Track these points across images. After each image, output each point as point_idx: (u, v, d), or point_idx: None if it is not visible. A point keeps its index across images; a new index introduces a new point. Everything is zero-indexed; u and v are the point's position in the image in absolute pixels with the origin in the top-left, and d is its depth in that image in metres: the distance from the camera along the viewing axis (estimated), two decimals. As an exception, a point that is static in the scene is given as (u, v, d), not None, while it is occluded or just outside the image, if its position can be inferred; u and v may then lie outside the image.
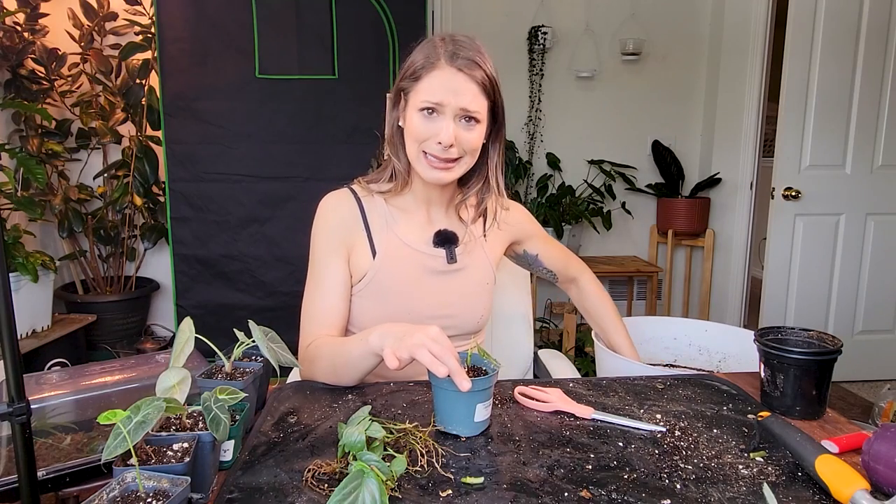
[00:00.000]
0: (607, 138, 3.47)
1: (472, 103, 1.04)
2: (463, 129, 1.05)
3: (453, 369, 0.81)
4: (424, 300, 1.15)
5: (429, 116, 1.04)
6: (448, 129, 1.03)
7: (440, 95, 1.03)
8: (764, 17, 3.10)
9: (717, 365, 1.39)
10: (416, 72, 1.06)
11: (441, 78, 1.03)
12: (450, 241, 1.17)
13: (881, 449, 0.72)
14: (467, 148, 1.07)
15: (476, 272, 1.21)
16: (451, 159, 1.07)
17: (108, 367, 1.29)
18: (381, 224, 1.15)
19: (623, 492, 0.72)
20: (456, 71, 1.03)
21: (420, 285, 1.15)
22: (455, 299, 1.18)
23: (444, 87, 1.03)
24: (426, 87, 1.04)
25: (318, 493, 0.71)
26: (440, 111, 1.04)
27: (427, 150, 1.06)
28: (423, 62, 1.05)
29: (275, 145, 2.87)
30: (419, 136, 1.05)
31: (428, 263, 1.16)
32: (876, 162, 2.87)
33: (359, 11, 2.83)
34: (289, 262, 2.90)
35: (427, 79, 1.04)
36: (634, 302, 3.61)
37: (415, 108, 1.05)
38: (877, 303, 2.98)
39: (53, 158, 2.97)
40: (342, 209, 1.16)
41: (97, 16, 3.03)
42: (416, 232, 1.17)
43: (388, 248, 1.14)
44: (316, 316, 1.12)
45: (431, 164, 1.07)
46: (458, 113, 1.04)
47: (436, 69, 1.04)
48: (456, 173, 1.09)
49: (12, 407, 0.72)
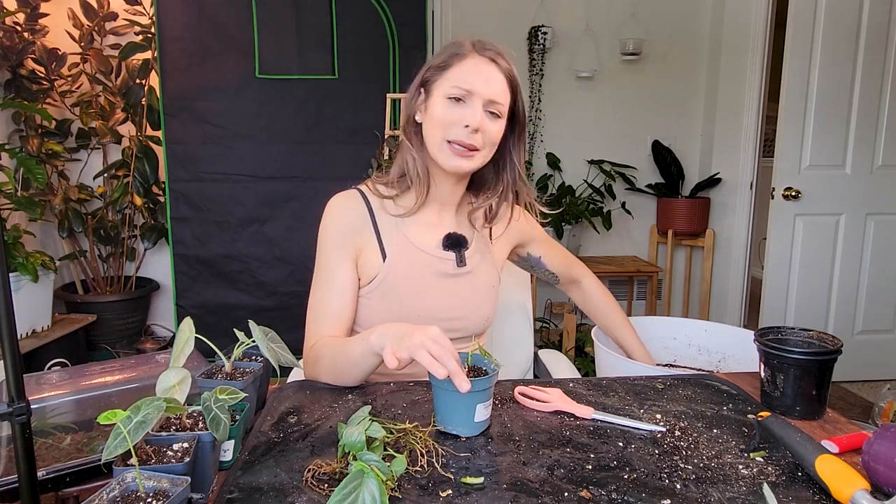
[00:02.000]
0: (607, 138, 3.47)
1: (499, 94, 1.06)
2: (488, 119, 1.06)
3: (452, 370, 0.81)
4: (434, 302, 1.15)
5: (456, 103, 1.05)
6: (477, 112, 1.04)
7: (471, 82, 1.04)
8: (764, 17, 3.10)
9: (717, 365, 1.39)
10: (445, 61, 1.07)
11: (471, 66, 1.05)
12: (459, 244, 1.17)
13: (881, 449, 0.72)
14: (488, 139, 1.08)
15: (484, 275, 1.21)
16: (475, 147, 1.07)
17: (108, 367, 1.29)
18: (391, 226, 1.15)
19: (623, 492, 0.72)
20: (487, 60, 1.06)
21: (429, 288, 1.15)
22: (464, 302, 1.18)
23: (475, 74, 1.05)
24: (456, 75, 1.06)
25: (318, 493, 0.71)
26: (468, 98, 1.05)
27: (451, 138, 1.06)
28: (451, 53, 1.07)
29: (275, 145, 2.87)
30: (445, 121, 1.06)
31: (437, 266, 1.16)
32: (876, 162, 2.87)
33: (359, 11, 2.83)
34: (289, 262, 2.90)
35: (457, 67, 1.06)
36: (634, 302, 3.61)
37: (441, 96, 1.06)
38: (877, 303, 2.98)
39: (53, 158, 2.97)
40: (351, 210, 1.15)
41: (97, 16, 3.03)
42: (425, 234, 1.16)
43: (397, 251, 1.14)
44: (322, 316, 1.12)
45: (455, 152, 1.07)
46: (486, 102, 1.05)
47: (466, 58, 1.06)
48: (476, 163, 1.09)
49: (12, 407, 0.72)
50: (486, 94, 1.04)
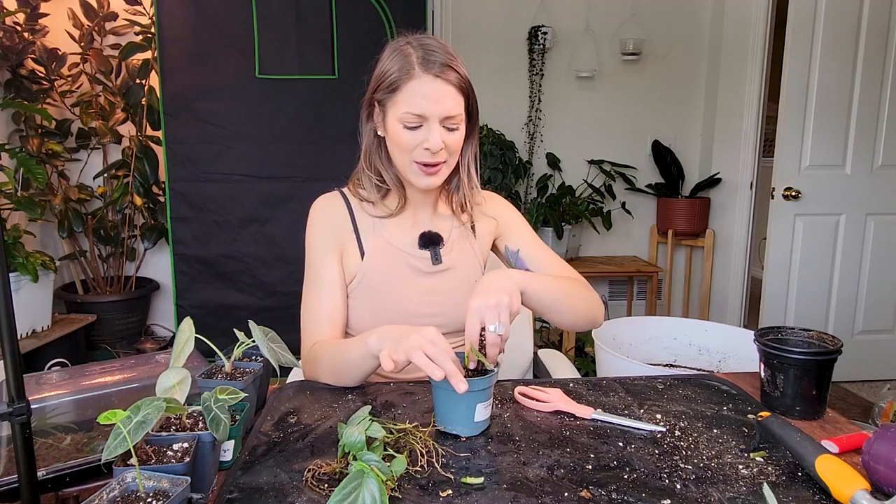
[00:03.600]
0: (607, 138, 3.47)
1: (453, 108, 1.05)
2: (447, 132, 1.07)
3: (449, 371, 0.81)
4: (413, 300, 1.17)
5: (413, 129, 1.06)
6: (435, 135, 1.05)
7: (422, 106, 1.04)
8: (764, 18, 3.10)
9: (717, 365, 1.39)
10: (393, 83, 1.06)
11: (420, 88, 1.04)
12: (434, 242, 1.18)
13: (881, 449, 0.72)
14: (451, 150, 1.09)
15: (463, 270, 1.21)
16: (441, 162, 1.08)
17: (108, 367, 1.29)
18: (369, 226, 1.17)
19: (623, 492, 0.72)
20: (433, 78, 1.04)
21: (408, 286, 1.17)
22: (443, 298, 1.19)
23: (425, 96, 1.04)
24: (406, 99, 1.05)
25: (318, 493, 0.71)
26: (423, 122, 1.05)
27: (416, 160, 1.08)
28: (398, 73, 1.05)
29: (275, 145, 2.86)
30: (407, 146, 1.07)
31: (414, 264, 1.17)
32: (876, 162, 2.87)
33: (359, 11, 2.83)
34: (289, 262, 2.90)
35: (405, 90, 1.05)
36: (634, 302, 3.61)
37: (396, 120, 1.06)
38: (877, 303, 2.98)
39: (53, 158, 2.97)
40: (332, 211, 1.19)
41: (97, 16, 3.03)
42: (402, 233, 1.18)
43: (375, 250, 1.16)
44: (316, 315, 1.13)
45: (423, 171, 1.09)
46: (441, 119, 1.05)
47: (413, 79, 1.04)
48: (444, 175, 1.12)
49: (12, 407, 0.72)
50: (439, 113, 1.04)
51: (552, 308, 1.10)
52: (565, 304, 1.11)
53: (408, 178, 1.12)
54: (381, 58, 1.10)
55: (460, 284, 1.19)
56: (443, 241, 1.19)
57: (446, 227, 1.21)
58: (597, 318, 1.17)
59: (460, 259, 1.21)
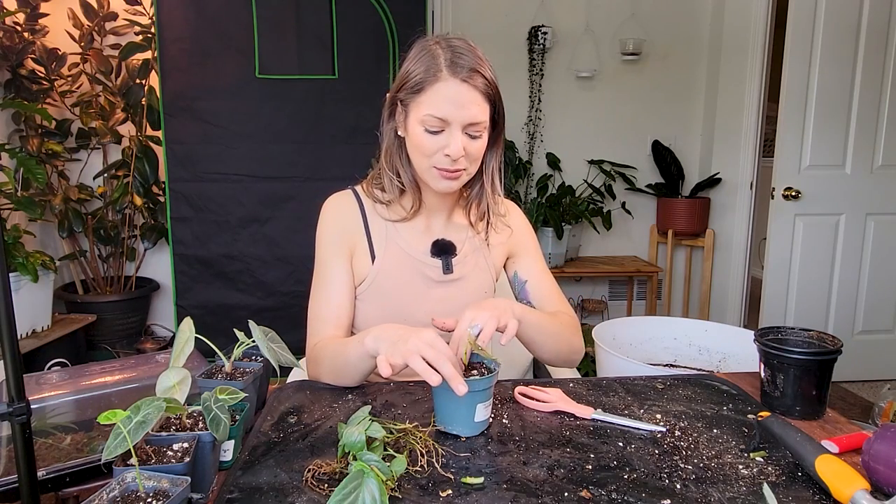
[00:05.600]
0: (607, 138, 3.47)
1: (477, 115, 1.02)
2: (469, 139, 1.04)
3: (448, 374, 0.80)
4: (422, 307, 1.15)
5: (434, 133, 1.03)
6: (457, 142, 1.01)
7: (445, 110, 1.01)
8: (764, 18, 3.10)
9: (717, 365, 1.39)
10: (418, 84, 1.02)
11: (445, 91, 1.00)
12: (447, 251, 1.17)
13: (881, 449, 0.72)
14: (472, 158, 1.06)
15: (475, 281, 1.20)
16: (461, 169, 1.06)
17: (108, 367, 1.29)
18: (381, 229, 1.16)
19: (623, 492, 0.72)
20: (459, 82, 1.00)
21: (418, 293, 1.16)
22: (452, 309, 1.16)
23: (450, 101, 1.00)
24: (430, 101, 1.01)
25: (318, 493, 0.71)
26: (445, 127, 1.02)
27: (435, 165, 1.05)
28: (424, 74, 1.02)
29: (275, 145, 2.87)
30: (427, 150, 1.04)
31: (425, 272, 1.16)
32: (876, 162, 2.87)
33: (359, 11, 2.83)
34: (289, 262, 2.90)
35: (430, 92, 1.01)
36: (634, 302, 3.61)
37: (418, 122, 1.03)
38: (877, 303, 2.98)
39: (53, 158, 2.97)
40: (344, 210, 1.17)
41: (97, 16, 3.03)
42: (415, 239, 1.17)
43: (387, 254, 1.15)
44: (323, 315, 1.13)
45: (442, 176, 1.06)
46: (464, 126, 1.02)
47: (438, 81, 1.01)
48: (463, 180, 1.09)
49: (12, 407, 0.72)
50: (462, 119, 1.01)
51: (537, 342, 1.13)
52: (550, 344, 1.14)
53: (425, 181, 1.09)
54: (408, 56, 1.07)
55: (470, 295, 1.18)
56: (455, 251, 1.18)
57: (460, 238, 1.19)
58: (574, 361, 1.21)
59: (473, 271, 1.20)
